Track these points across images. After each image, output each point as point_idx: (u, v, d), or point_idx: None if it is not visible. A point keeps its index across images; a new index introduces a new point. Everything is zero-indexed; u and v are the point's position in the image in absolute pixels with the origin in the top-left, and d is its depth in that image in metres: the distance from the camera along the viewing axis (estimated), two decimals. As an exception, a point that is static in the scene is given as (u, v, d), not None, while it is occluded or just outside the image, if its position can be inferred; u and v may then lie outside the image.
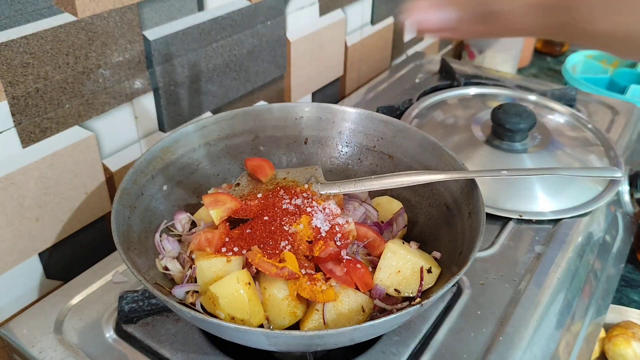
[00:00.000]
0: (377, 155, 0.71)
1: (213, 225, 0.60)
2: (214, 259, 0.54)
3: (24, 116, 0.60)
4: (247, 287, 0.51)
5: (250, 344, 0.48)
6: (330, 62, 1.06)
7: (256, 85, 0.90)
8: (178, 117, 0.78)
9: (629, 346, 0.78)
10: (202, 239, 0.57)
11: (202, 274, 0.54)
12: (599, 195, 0.77)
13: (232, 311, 0.50)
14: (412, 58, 1.20)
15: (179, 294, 0.54)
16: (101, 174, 0.71)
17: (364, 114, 0.71)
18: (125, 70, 0.68)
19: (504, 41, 1.38)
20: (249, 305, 0.50)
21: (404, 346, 0.56)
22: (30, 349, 0.56)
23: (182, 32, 0.74)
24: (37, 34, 0.58)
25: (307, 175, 0.66)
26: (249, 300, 0.51)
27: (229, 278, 0.51)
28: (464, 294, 0.63)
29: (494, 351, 0.56)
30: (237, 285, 0.51)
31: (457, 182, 0.62)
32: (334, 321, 0.52)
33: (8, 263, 0.64)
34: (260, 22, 0.85)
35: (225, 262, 0.54)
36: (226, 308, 0.50)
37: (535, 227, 0.73)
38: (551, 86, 1.09)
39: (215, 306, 0.51)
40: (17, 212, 0.62)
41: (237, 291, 0.50)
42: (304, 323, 0.53)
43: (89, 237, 0.72)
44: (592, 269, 0.75)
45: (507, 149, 0.82)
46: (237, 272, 0.52)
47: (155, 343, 0.56)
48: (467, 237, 0.56)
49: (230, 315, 0.50)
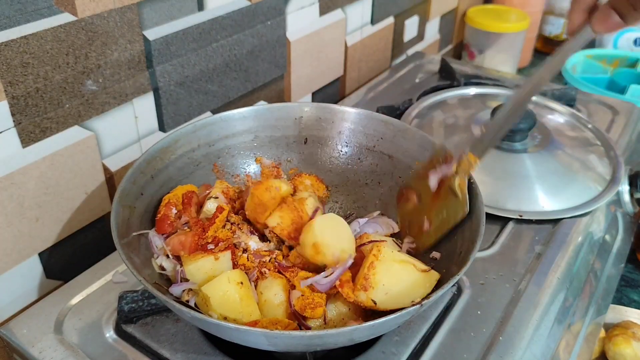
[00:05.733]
0: (376, 155, 0.71)
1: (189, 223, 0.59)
2: (201, 260, 0.54)
3: (24, 116, 0.60)
4: (239, 286, 0.51)
5: (249, 344, 0.48)
6: (330, 62, 1.06)
7: (256, 85, 0.90)
8: (178, 117, 0.78)
9: (629, 346, 0.78)
10: (175, 242, 0.56)
11: (193, 277, 0.54)
12: (599, 195, 0.77)
13: (224, 311, 0.50)
14: (412, 58, 1.20)
15: (176, 292, 0.54)
16: (101, 174, 0.71)
17: (364, 113, 0.71)
18: (125, 70, 0.68)
19: (504, 41, 1.38)
20: (240, 305, 0.50)
21: (404, 346, 0.56)
22: (30, 349, 0.56)
23: (182, 32, 0.74)
24: (37, 34, 0.58)
25: None
26: (240, 299, 0.50)
27: (219, 279, 0.51)
28: (464, 294, 0.63)
29: (494, 351, 0.56)
30: (227, 286, 0.50)
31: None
32: (334, 320, 0.52)
33: (8, 263, 0.64)
34: (260, 22, 0.85)
35: (213, 260, 0.54)
36: (218, 308, 0.50)
37: (535, 227, 0.73)
38: (551, 86, 1.09)
39: (207, 307, 0.50)
40: (17, 212, 0.62)
41: (228, 291, 0.50)
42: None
43: (89, 237, 0.72)
44: (592, 269, 0.75)
45: (507, 149, 0.82)
46: (229, 272, 0.52)
47: (155, 343, 0.56)
48: (467, 237, 0.56)
49: (222, 316, 0.50)
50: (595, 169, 0.82)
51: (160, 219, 0.59)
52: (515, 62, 1.45)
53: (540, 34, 1.62)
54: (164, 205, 0.60)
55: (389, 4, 1.17)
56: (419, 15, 1.30)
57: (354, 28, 1.09)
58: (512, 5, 1.45)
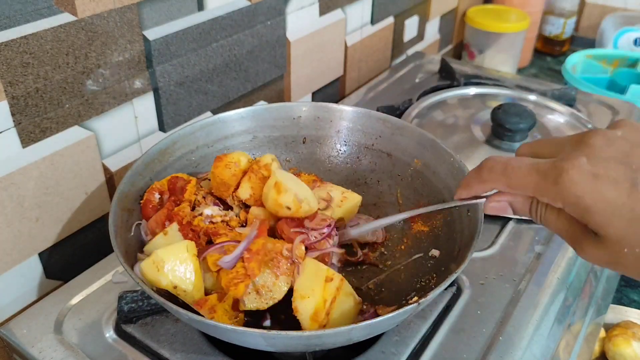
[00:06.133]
0: (375, 154, 0.71)
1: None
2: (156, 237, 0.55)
3: (24, 116, 0.60)
4: (194, 258, 0.51)
5: (247, 345, 0.48)
6: (330, 62, 1.07)
7: (256, 85, 0.90)
8: (178, 117, 0.78)
9: (629, 346, 0.78)
10: (151, 222, 0.57)
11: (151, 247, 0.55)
12: (599, 195, 0.77)
13: (175, 279, 0.50)
14: (412, 58, 1.20)
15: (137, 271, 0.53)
16: (101, 174, 0.71)
17: (362, 112, 0.71)
18: (125, 70, 0.68)
19: (504, 41, 1.38)
20: (194, 276, 0.50)
21: (403, 346, 0.56)
22: (30, 349, 0.56)
23: (182, 32, 0.74)
24: (37, 34, 0.58)
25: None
26: (195, 271, 0.50)
27: (178, 244, 0.51)
28: (464, 294, 0.63)
29: (494, 351, 0.56)
30: (185, 254, 0.50)
31: (456, 180, 0.62)
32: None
33: (8, 263, 0.64)
34: (260, 22, 0.85)
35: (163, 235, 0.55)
36: (170, 274, 0.49)
37: (535, 227, 0.73)
38: (551, 86, 1.09)
39: (158, 271, 0.50)
40: (17, 212, 0.63)
41: (184, 259, 0.50)
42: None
43: (89, 237, 0.72)
44: (592, 269, 0.75)
45: (507, 149, 0.82)
46: (187, 241, 0.52)
47: (154, 343, 0.56)
48: (466, 235, 0.56)
49: (172, 284, 0.50)
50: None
51: (143, 204, 0.59)
52: (515, 62, 1.45)
53: (540, 34, 1.62)
54: (148, 191, 0.60)
55: (389, 4, 1.17)
56: (419, 15, 1.30)
57: (353, 28, 1.09)
58: (512, 5, 1.45)
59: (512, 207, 0.47)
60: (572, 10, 1.57)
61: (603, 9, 1.63)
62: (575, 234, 0.43)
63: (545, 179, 0.42)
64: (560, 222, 0.44)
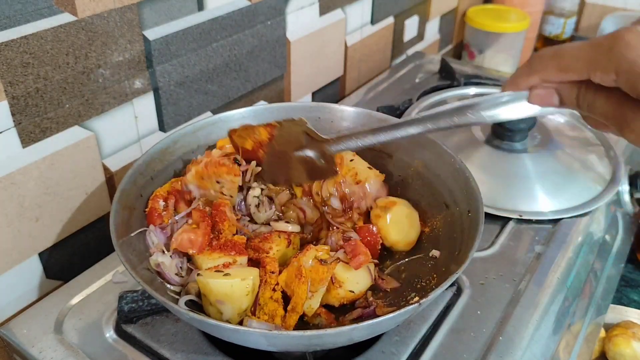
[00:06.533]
0: (376, 154, 0.71)
1: (194, 219, 0.59)
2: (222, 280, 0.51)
3: (24, 116, 0.60)
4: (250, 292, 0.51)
5: (248, 345, 0.48)
6: (330, 62, 1.06)
7: (256, 85, 0.90)
8: (178, 117, 0.78)
9: (629, 346, 0.78)
10: (184, 239, 0.55)
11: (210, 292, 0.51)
12: (599, 195, 0.77)
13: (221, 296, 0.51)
14: (412, 58, 1.20)
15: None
16: (101, 174, 0.71)
17: (362, 112, 0.71)
18: (125, 70, 0.68)
19: (504, 41, 1.38)
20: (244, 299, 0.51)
21: (404, 346, 0.56)
22: (30, 349, 0.56)
23: (182, 32, 0.74)
24: (37, 34, 0.58)
25: (298, 131, 0.59)
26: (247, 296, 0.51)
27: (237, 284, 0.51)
28: (464, 294, 0.63)
29: (494, 351, 0.56)
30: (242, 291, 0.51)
31: (457, 181, 0.62)
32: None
33: (8, 263, 0.64)
34: (260, 22, 0.85)
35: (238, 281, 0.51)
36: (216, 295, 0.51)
37: (535, 227, 0.73)
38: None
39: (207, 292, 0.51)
40: (17, 212, 0.63)
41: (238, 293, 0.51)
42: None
43: (89, 237, 0.72)
44: (592, 269, 0.75)
45: (507, 149, 0.82)
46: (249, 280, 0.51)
47: (155, 343, 0.56)
48: (466, 235, 0.56)
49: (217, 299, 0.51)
50: (595, 169, 0.82)
51: (149, 213, 0.59)
52: (515, 62, 1.45)
53: (540, 34, 1.62)
54: (152, 199, 0.60)
55: (389, 3, 1.17)
56: (419, 15, 1.30)
57: (353, 28, 1.09)
58: (512, 5, 1.45)
59: (559, 94, 0.46)
60: (572, 10, 1.57)
61: (603, 9, 1.63)
62: (624, 115, 0.42)
63: (599, 48, 0.41)
64: (608, 105, 0.43)
